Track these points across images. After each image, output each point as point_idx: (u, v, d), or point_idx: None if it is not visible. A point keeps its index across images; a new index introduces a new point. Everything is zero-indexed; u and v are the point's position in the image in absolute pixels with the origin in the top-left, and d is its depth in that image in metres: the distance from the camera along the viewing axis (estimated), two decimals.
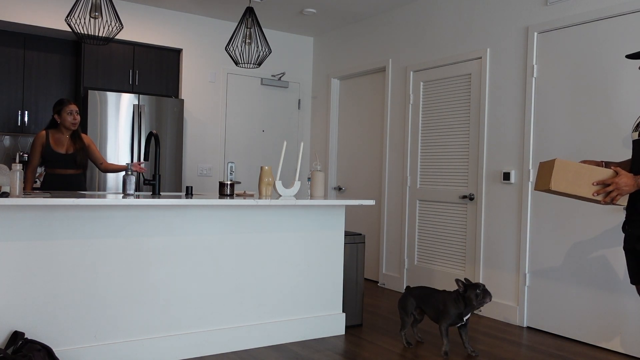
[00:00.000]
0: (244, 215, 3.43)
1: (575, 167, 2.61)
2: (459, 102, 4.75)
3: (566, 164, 2.61)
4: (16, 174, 2.83)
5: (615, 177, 2.55)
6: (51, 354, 2.74)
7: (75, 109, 4.32)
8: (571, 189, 2.60)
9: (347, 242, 3.93)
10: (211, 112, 6.01)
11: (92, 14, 3.66)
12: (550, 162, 2.65)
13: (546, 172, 2.68)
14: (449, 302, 3.31)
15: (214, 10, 5.72)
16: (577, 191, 2.60)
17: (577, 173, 2.60)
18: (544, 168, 2.73)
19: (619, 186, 2.53)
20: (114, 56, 5.55)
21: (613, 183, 2.54)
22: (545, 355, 3.49)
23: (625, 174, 2.54)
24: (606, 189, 2.55)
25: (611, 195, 2.55)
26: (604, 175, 2.59)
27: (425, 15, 5.11)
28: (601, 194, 2.57)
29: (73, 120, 4.30)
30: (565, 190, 2.61)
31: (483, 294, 3.25)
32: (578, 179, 2.59)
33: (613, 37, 3.65)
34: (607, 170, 2.60)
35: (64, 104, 4.31)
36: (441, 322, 3.34)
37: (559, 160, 2.61)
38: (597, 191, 2.57)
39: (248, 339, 3.44)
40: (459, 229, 4.71)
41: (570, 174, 2.60)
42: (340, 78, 6.26)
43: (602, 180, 2.57)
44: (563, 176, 2.60)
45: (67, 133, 4.35)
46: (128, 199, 2.95)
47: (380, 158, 5.65)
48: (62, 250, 2.89)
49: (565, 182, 2.59)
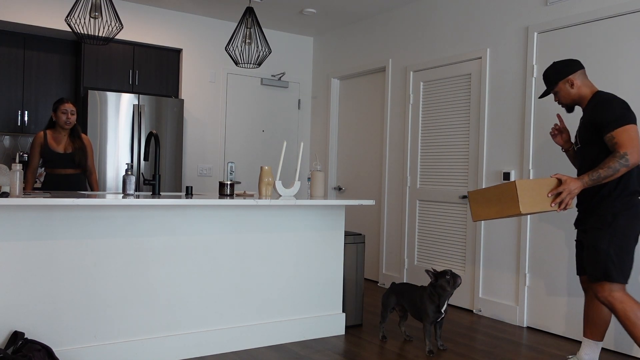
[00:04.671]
0: (244, 215, 3.43)
1: (531, 184, 2.69)
2: (459, 102, 4.75)
3: (525, 185, 2.67)
4: (16, 174, 2.83)
5: (564, 184, 2.76)
6: (51, 354, 2.74)
7: (70, 109, 4.31)
8: (536, 207, 2.67)
9: (347, 242, 3.93)
10: (211, 112, 6.01)
11: (92, 14, 3.66)
12: (508, 186, 2.66)
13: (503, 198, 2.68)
14: (425, 298, 3.38)
15: (214, 10, 5.72)
16: (540, 208, 2.67)
17: (534, 190, 2.68)
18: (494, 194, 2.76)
19: (570, 190, 2.76)
20: (114, 56, 5.55)
21: (565, 190, 2.75)
22: (545, 355, 3.49)
23: (570, 178, 2.78)
24: (561, 196, 2.77)
25: (565, 201, 2.77)
26: (553, 185, 2.76)
27: (425, 15, 5.11)
28: (557, 202, 2.77)
29: (66, 119, 4.29)
30: (533, 211, 2.67)
31: (453, 278, 3.32)
32: (536, 195, 2.67)
33: (613, 37, 3.65)
34: (551, 180, 2.79)
35: (60, 102, 4.31)
36: (424, 323, 3.41)
37: (519, 181, 2.66)
38: (554, 201, 2.77)
39: (248, 339, 3.44)
40: (459, 229, 4.70)
41: (529, 192, 2.66)
42: (340, 78, 6.26)
43: (554, 190, 2.76)
44: (527, 197, 2.63)
45: (64, 132, 4.35)
46: (128, 199, 2.95)
47: (380, 158, 5.65)
48: (62, 250, 2.89)
49: (530, 203, 2.64)
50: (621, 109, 2.80)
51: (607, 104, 2.84)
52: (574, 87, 2.98)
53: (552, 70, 3.05)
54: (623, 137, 2.72)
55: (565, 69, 3.00)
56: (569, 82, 2.98)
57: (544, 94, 3.12)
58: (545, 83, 3.09)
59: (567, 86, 2.99)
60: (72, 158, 4.32)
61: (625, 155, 2.69)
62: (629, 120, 2.75)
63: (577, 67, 3.00)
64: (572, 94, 3.00)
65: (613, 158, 2.72)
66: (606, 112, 2.81)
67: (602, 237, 2.79)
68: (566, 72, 2.99)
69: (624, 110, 2.80)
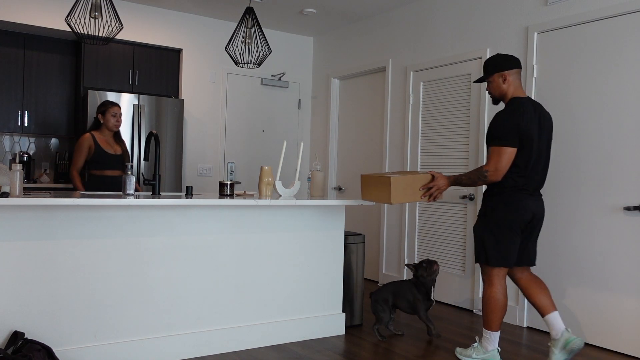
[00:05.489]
0: (244, 215, 3.43)
1: (405, 180, 3.20)
2: (458, 102, 4.75)
3: (398, 181, 3.18)
4: (16, 174, 2.82)
5: (435, 180, 3.26)
6: (51, 354, 2.74)
7: (119, 112, 4.41)
8: (406, 199, 3.24)
9: (347, 242, 3.93)
10: (211, 112, 6.01)
11: (92, 14, 3.66)
12: (385, 180, 3.19)
13: (381, 188, 3.23)
14: (413, 291, 3.67)
15: (214, 10, 5.72)
16: (411, 199, 3.26)
17: (407, 185, 3.21)
18: (376, 183, 3.28)
19: (439, 186, 3.26)
20: (114, 56, 5.55)
21: (434, 186, 3.25)
22: (545, 355, 3.49)
23: (440, 175, 3.28)
24: (430, 190, 3.26)
25: (434, 195, 3.27)
26: (425, 180, 3.27)
27: (425, 15, 5.11)
28: (427, 195, 3.26)
29: (116, 122, 4.40)
30: (402, 201, 3.24)
31: (429, 264, 3.64)
32: (408, 189, 3.21)
33: (613, 37, 3.65)
34: (426, 175, 3.28)
35: (108, 105, 4.39)
36: (419, 312, 3.66)
37: (394, 179, 3.16)
38: (424, 194, 3.27)
39: (248, 339, 3.44)
40: (459, 229, 4.71)
41: (402, 187, 3.19)
42: (340, 78, 6.26)
43: (425, 185, 3.26)
44: (399, 192, 3.19)
45: (110, 134, 4.42)
46: (128, 199, 2.94)
47: (380, 158, 5.65)
48: (62, 250, 2.89)
49: (401, 196, 3.21)
50: (508, 130, 3.03)
51: (501, 118, 3.09)
52: (505, 83, 3.18)
53: (492, 61, 3.25)
54: (493, 155, 3.06)
55: (504, 64, 3.19)
56: (502, 76, 3.18)
57: (478, 80, 3.36)
58: (483, 70, 3.30)
59: (500, 80, 3.19)
60: (122, 160, 4.40)
61: (486, 172, 3.07)
62: (506, 144, 3.02)
63: (514, 65, 3.19)
64: (502, 88, 3.20)
65: (477, 171, 3.14)
66: (496, 126, 3.09)
67: (479, 226, 3.21)
68: (503, 66, 3.18)
69: (510, 131, 3.02)
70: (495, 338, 3.19)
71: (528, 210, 3.10)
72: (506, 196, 3.11)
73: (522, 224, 3.10)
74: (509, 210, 3.09)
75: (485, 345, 3.22)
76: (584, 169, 3.78)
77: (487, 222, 3.16)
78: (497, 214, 3.12)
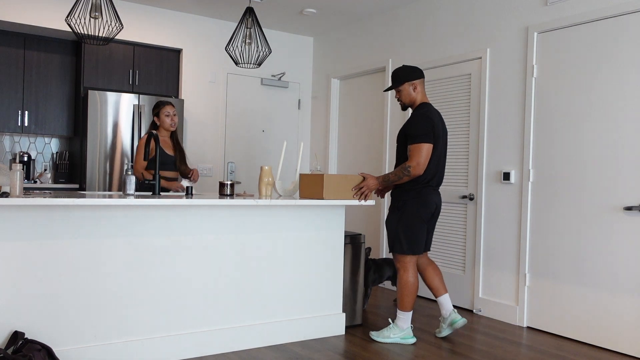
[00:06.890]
0: (244, 215, 3.43)
1: (336, 178, 3.50)
2: (459, 102, 4.75)
3: (331, 178, 3.48)
4: (16, 174, 2.82)
5: (365, 181, 3.56)
6: (51, 354, 2.74)
7: (172, 111, 4.30)
8: (338, 196, 3.50)
9: (347, 242, 3.93)
10: (211, 112, 6.01)
11: (92, 14, 3.66)
12: (319, 177, 3.47)
13: (315, 185, 3.50)
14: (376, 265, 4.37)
15: (214, 10, 5.72)
16: (342, 197, 3.51)
17: (339, 184, 3.50)
18: (311, 181, 3.54)
19: (368, 186, 3.56)
20: (114, 56, 5.55)
21: (364, 186, 3.55)
22: (545, 355, 3.49)
23: (370, 176, 3.58)
24: (361, 190, 3.55)
25: (364, 194, 3.55)
26: (356, 181, 3.57)
27: (425, 15, 5.11)
28: (357, 194, 3.55)
29: (171, 121, 4.29)
30: (334, 198, 3.48)
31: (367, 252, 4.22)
32: (340, 187, 3.50)
33: (613, 37, 3.65)
34: (358, 176, 3.58)
35: (160, 106, 4.29)
36: None
37: (326, 176, 3.45)
38: (355, 193, 3.56)
39: (248, 339, 3.44)
40: (459, 229, 4.71)
41: (334, 185, 3.48)
42: (340, 78, 6.26)
43: (357, 185, 3.57)
44: (331, 188, 3.46)
45: (167, 135, 4.34)
46: (128, 199, 2.94)
47: (380, 158, 5.65)
48: (62, 250, 2.89)
49: (333, 192, 3.47)
50: (425, 128, 3.42)
51: (417, 119, 3.48)
52: (415, 91, 3.58)
53: (402, 71, 3.60)
54: (414, 152, 3.42)
55: (413, 74, 3.58)
56: (413, 85, 3.57)
57: (388, 89, 3.73)
58: (392, 79, 3.64)
59: (410, 88, 3.58)
60: (175, 161, 4.32)
61: (409, 168, 3.41)
62: (425, 140, 3.41)
63: (421, 75, 3.61)
64: (412, 96, 3.59)
65: (401, 167, 3.46)
66: (413, 126, 3.46)
67: (393, 219, 3.58)
68: (414, 76, 3.57)
69: (427, 130, 3.42)
70: (409, 317, 3.60)
71: (433, 204, 3.55)
72: (417, 192, 3.51)
73: (429, 215, 3.55)
74: (419, 204, 3.51)
75: (400, 324, 3.60)
76: (584, 169, 3.78)
77: (400, 216, 3.54)
78: (409, 207, 3.51)
